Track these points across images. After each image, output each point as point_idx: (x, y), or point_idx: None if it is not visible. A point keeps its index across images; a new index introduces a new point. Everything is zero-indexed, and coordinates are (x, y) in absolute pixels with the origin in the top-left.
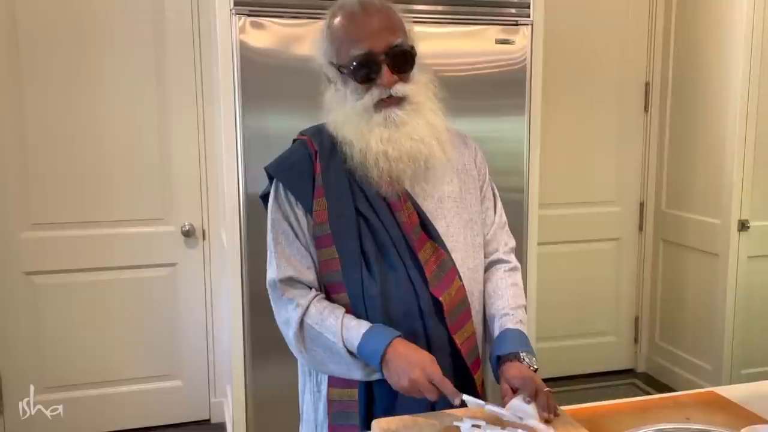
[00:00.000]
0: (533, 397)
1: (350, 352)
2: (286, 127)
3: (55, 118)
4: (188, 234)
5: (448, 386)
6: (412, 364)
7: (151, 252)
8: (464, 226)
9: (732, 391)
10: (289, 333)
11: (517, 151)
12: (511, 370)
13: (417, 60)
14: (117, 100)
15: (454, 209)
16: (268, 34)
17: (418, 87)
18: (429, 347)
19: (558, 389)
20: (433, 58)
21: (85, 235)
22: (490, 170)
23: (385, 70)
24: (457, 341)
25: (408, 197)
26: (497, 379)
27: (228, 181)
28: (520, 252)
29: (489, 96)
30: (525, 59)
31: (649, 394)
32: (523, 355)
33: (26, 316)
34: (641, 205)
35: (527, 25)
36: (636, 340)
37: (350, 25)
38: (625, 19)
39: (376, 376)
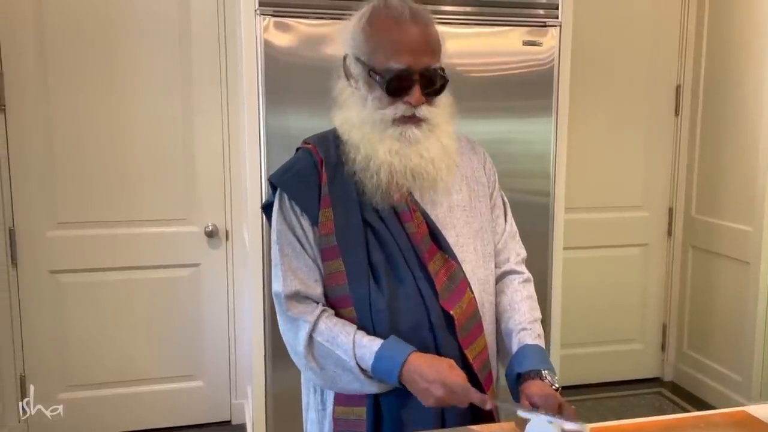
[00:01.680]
0: (553, 415)
1: (363, 370)
2: (309, 127)
3: (80, 118)
4: (211, 234)
5: (474, 395)
6: (432, 382)
7: (174, 252)
8: (474, 236)
9: (765, 411)
10: (297, 349)
11: (544, 154)
12: (532, 387)
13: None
14: (142, 100)
15: (464, 218)
16: (293, 34)
17: (439, 110)
18: None
19: (582, 397)
20: (460, 59)
21: (110, 234)
22: (516, 173)
23: (416, 89)
24: (470, 356)
25: (417, 206)
26: (514, 396)
27: (250, 181)
28: (545, 256)
29: (516, 97)
30: (552, 60)
31: (675, 403)
32: (545, 373)
33: (51, 315)
34: (670, 210)
35: (555, 26)
36: (663, 347)
37: (396, 33)
38: (655, 21)
39: (388, 388)
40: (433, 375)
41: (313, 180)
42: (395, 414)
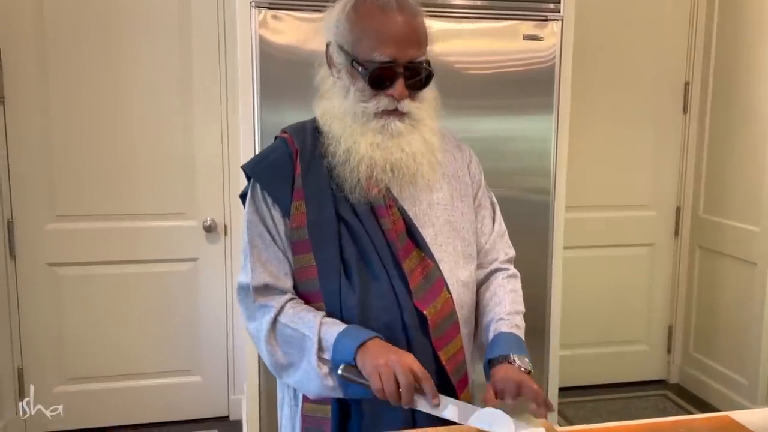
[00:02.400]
0: (514, 398)
1: (320, 349)
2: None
3: (80, 111)
4: (210, 229)
5: (429, 384)
6: (394, 351)
7: (172, 246)
8: (454, 235)
9: (748, 417)
10: (260, 334)
11: (545, 151)
12: (498, 371)
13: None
14: (142, 94)
15: (444, 217)
16: (288, 27)
17: (422, 105)
18: None
19: (586, 398)
20: (459, 56)
21: (108, 227)
22: (517, 171)
23: (400, 82)
24: (443, 358)
25: (395, 202)
26: None
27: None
28: (545, 254)
29: (516, 94)
30: (554, 56)
31: (680, 406)
32: (514, 356)
33: (49, 308)
34: (677, 209)
35: (557, 20)
36: (669, 349)
37: (381, 23)
38: (663, 15)
39: (329, 392)
40: (399, 350)
41: (287, 171)
42: (363, 415)
